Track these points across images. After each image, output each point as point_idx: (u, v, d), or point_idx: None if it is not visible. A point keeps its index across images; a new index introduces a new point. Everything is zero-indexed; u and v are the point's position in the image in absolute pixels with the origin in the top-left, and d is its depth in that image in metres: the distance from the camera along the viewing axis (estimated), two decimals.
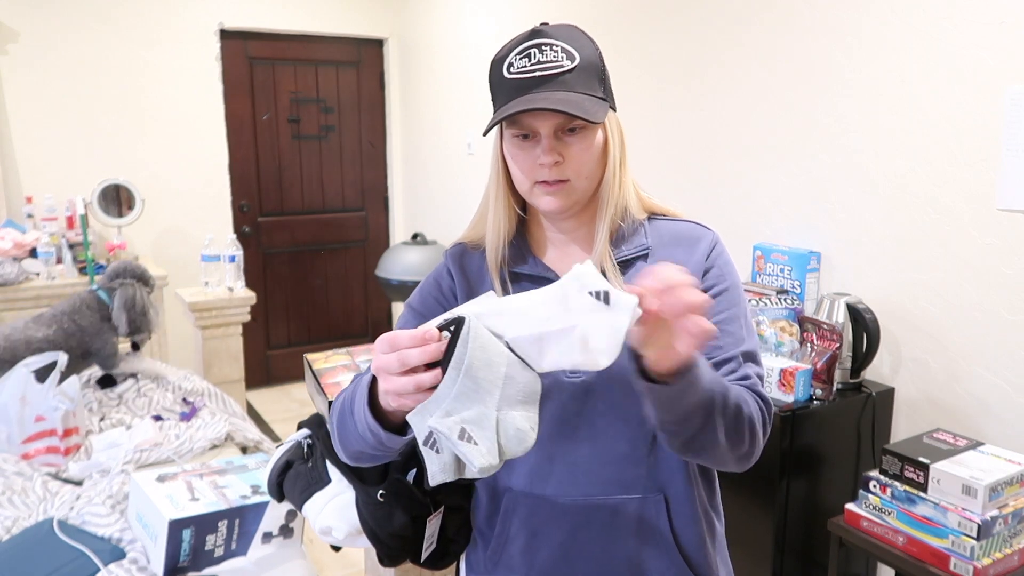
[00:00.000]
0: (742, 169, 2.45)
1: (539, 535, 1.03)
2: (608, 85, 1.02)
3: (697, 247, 1.05)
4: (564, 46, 0.97)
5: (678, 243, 1.05)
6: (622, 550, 1.02)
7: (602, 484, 1.00)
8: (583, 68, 0.97)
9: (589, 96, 0.96)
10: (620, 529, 1.01)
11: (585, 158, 0.99)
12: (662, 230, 1.07)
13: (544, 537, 1.03)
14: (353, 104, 4.72)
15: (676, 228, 1.08)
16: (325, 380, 1.30)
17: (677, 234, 1.07)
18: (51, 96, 3.81)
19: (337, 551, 1.40)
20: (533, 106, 0.93)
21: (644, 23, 2.80)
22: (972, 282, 1.85)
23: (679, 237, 1.06)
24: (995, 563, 1.50)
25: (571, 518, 1.01)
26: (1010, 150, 1.74)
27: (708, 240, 1.06)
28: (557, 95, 0.94)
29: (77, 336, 2.31)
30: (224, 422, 2.23)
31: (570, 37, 0.99)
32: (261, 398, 4.47)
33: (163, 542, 1.45)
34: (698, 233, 1.07)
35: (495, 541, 1.07)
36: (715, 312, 1.00)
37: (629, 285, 0.80)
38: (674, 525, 1.02)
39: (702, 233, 1.07)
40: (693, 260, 1.03)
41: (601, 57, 1.01)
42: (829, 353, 1.93)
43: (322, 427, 1.31)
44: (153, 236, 4.11)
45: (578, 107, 0.93)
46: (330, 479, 1.25)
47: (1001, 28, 1.75)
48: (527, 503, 1.03)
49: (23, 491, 1.84)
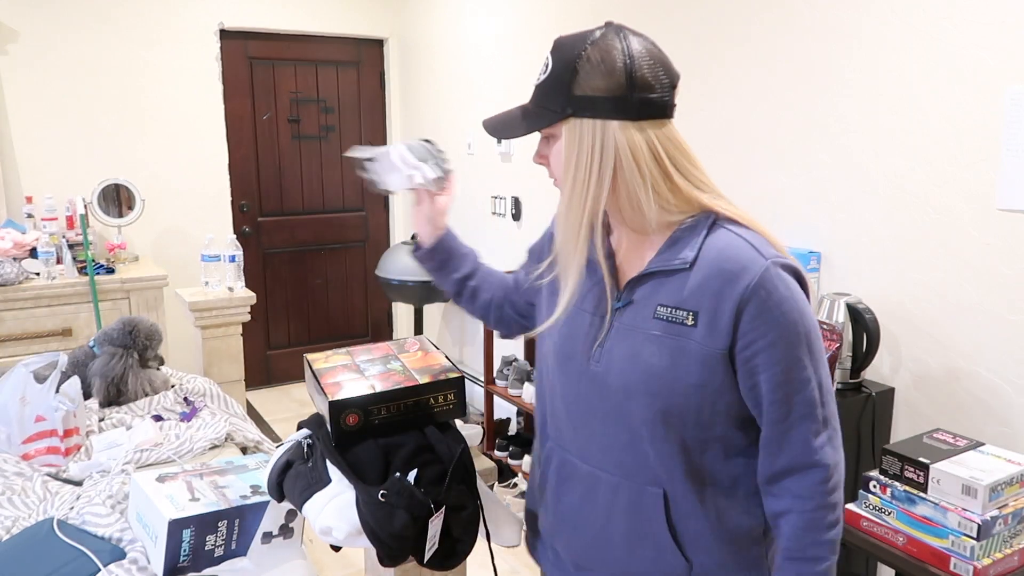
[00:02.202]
0: (742, 169, 2.45)
1: (564, 486, 1.15)
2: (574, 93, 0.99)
3: (737, 282, 0.97)
4: (548, 56, 1.03)
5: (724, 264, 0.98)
6: (618, 527, 1.09)
7: (607, 463, 1.09)
8: (551, 77, 1.02)
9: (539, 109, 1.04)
10: (618, 508, 1.08)
11: (555, 161, 1.05)
12: (721, 243, 1.00)
13: (567, 490, 1.15)
14: (353, 104, 4.72)
15: (732, 245, 1.00)
16: (325, 380, 1.30)
17: (727, 254, 0.99)
18: (51, 96, 3.81)
19: (337, 551, 1.40)
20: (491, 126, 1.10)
21: (644, 23, 2.80)
22: (972, 282, 1.85)
23: (727, 257, 0.99)
24: (995, 563, 1.50)
25: (584, 482, 1.12)
26: (1010, 150, 1.74)
27: (751, 277, 0.96)
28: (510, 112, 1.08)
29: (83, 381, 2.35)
30: (224, 422, 2.23)
31: (560, 45, 1.02)
32: (261, 398, 4.47)
33: (163, 542, 1.45)
34: (746, 262, 0.97)
35: (540, 477, 1.22)
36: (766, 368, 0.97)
37: None
38: (672, 518, 1.06)
39: (749, 264, 0.97)
40: (731, 297, 0.97)
41: (573, 64, 0.99)
42: (829, 353, 1.93)
43: (322, 427, 1.31)
44: (153, 236, 4.11)
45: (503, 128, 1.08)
46: (330, 479, 1.25)
47: (1001, 28, 1.75)
48: (558, 455, 1.16)
49: (23, 491, 1.84)
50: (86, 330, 3.28)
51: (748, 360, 0.98)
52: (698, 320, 0.99)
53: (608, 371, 1.05)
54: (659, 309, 1.02)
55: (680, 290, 1.00)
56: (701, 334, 0.98)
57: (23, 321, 3.16)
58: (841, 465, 1.02)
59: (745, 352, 0.98)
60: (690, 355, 0.99)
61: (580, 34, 1.01)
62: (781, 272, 0.98)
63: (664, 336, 1.01)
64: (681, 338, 1.00)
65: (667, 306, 1.01)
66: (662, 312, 1.01)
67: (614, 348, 1.05)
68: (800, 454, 0.99)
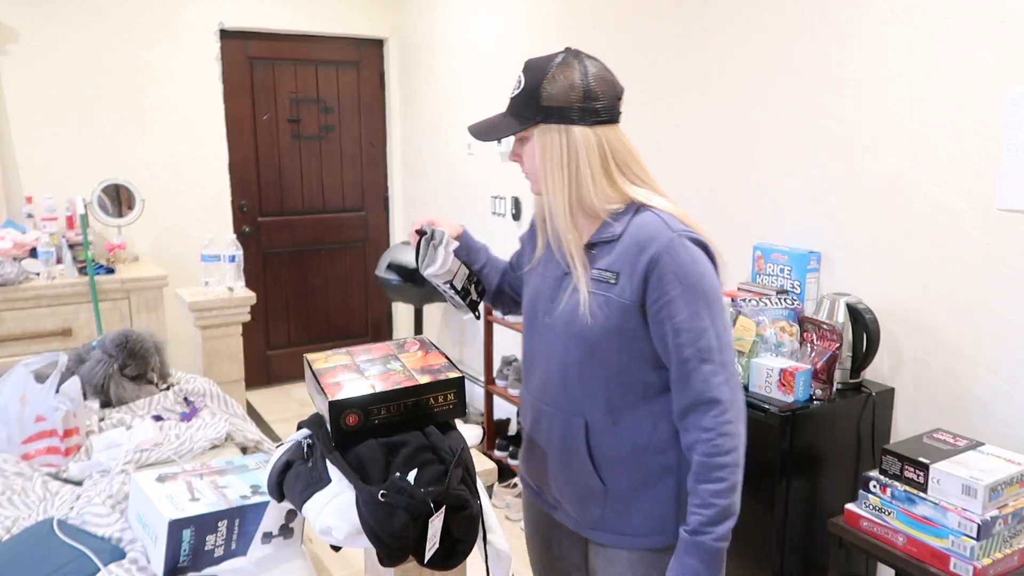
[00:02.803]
0: (742, 169, 2.45)
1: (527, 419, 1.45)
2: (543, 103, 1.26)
3: (646, 250, 1.24)
4: (522, 76, 1.29)
5: (639, 236, 1.25)
6: (555, 452, 1.36)
7: (547, 397, 1.37)
8: (523, 93, 1.28)
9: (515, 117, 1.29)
10: (554, 435, 1.36)
11: (528, 159, 1.32)
12: (641, 222, 1.27)
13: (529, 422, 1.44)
14: (353, 104, 4.72)
15: (647, 223, 1.26)
16: (325, 380, 1.30)
17: (642, 229, 1.26)
18: (51, 96, 3.81)
19: (337, 551, 1.40)
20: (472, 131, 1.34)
21: (644, 25, 2.80)
22: (972, 282, 1.85)
23: (642, 232, 1.25)
24: (995, 563, 1.50)
25: (535, 414, 1.41)
26: (1010, 150, 1.74)
27: (657, 246, 1.23)
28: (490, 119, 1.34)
29: None
30: (224, 422, 2.23)
31: (530, 66, 1.29)
32: (261, 398, 4.47)
33: (163, 542, 1.45)
34: (654, 234, 1.24)
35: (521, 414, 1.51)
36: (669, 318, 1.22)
37: None
38: (591, 444, 1.31)
39: (656, 236, 1.24)
40: (641, 261, 1.24)
41: (539, 82, 1.26)
42: (829, 353, 1.93)
43: (322, 427, 1.31)
44: (153, 236, 4.11)
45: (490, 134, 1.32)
46: (330, 479, 1.25)
47: (1001, 28, 1.75)
48: (524, 395, 1.46)
49: (23, 491, 1.84)
50: (86, 330, 3.28)
51: (657, 312, 1.23)
52: (618, 279, 1.26)
53: (555, 322, 1.33)
54: (593, 271, 1.29)
55: (608, 256, 1.28)
56: (619, 290, 1.25)
57: (23, 321, 3.16)
58: (738, 403, 1.23)
59: (654, 306, 1.23)
60: (611, 305, 1.26)
61: (546, 57, 1.28)
62: (686, 242, 1.23)
63: (594, 292, 1.28)
64: (606, 294, 1.27)
65: (598, 269, 1.28)
66: (595, 274, 1.29)
67: (560, 304, 1.32)
68: (700, 391, 1.21)
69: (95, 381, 2.35)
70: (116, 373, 2.38)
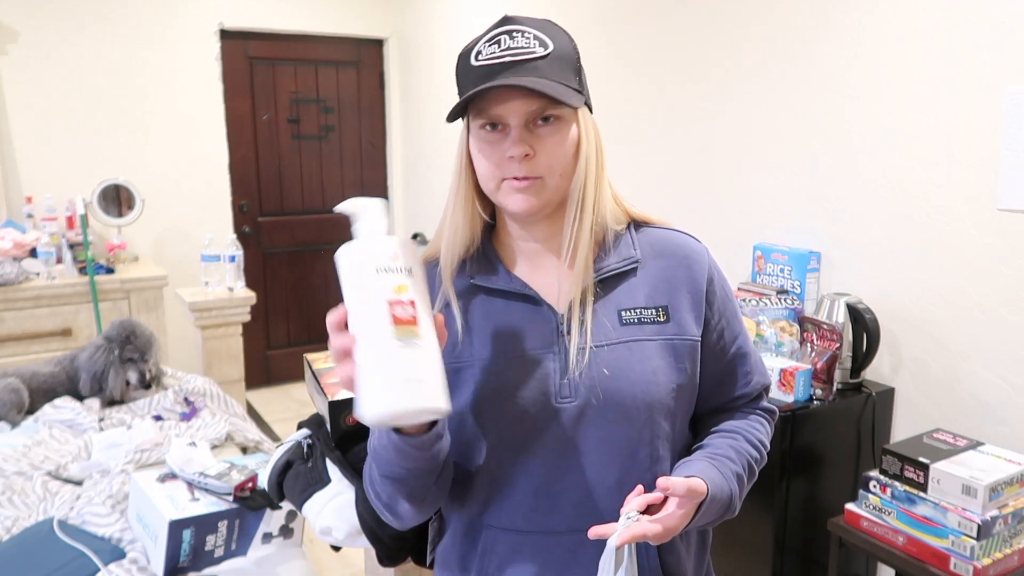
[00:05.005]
0: (742, 169, 2.45)
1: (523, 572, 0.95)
2: (584, 80, 0.94)
3: (693, 266, 0.98)
4: (537, 34, 0.89)
5: (671, 254, 0.98)
6: None
7: (590, 516, 0.90)
8: (557, 57, 0.89)
9: (563, 84, 0.88)
10: None
11: (558, 152, 0.89)
12: (651, 239, 0.99)
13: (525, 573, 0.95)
14: (353, 104, 4.72)
15: (665, 237, 1.00)
16: (325, 380, 1.30)
17: (668, 245, 0.99)
18: (51, 96, 3.81)
19: (337, 551, 1.40)
20: (500, 83, 0.84)
21: (644, 23, 2.80)
22: (972, 282, 1.85)
23: (670, 248, 0.99)
24: (995, 563, 1.50)
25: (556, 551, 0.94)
26: (1010, 150, 1.74)
27: (705, 258, 1.00)
28: (528, 78, 0.86)
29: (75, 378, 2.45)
30: (224, 422, 2.23)
31: (543, 27, 0.91)
32: (261, 398, 4.47)
33: (163, 542, 1.45)
34: (692, 246, 1.00)
35: None
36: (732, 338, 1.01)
37: None
38: (663, 555, 0.96)
39: (695, 247, 1.00)
40: (694, 281, 0.97)
41: (576, 50, 0.93)
42: (829, 353, 1.93)
43: (322, 427, 1.31)
44: (153, 236, 4.11)
45: (550, 89, 0.85)
46: (330, 479, 1.25)
47: (1001, 28, 1.75)
48: (508, 540, 0.95)
49: (23, 491, 1.84)
50: (86, 330, 3.28)
51: (721, 333, 0.99)
52: (668, 314, 0.94)
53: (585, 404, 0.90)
54: (623, 314, 0.93)
55: (632, 290, 0.95)
56: (675, 328, 0.94)
57: (23, 321, 3.16)
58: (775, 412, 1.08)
59: (714, 334, 0.98)
60: (677, 350, 0.94)
61: (538, 18, 0.94)
62: None
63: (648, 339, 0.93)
64: (659, 336, 0.93)
65: (634, 309, 0.94)
66: (627, 316, 0.93)
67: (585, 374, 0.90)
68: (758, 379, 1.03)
69: (95, 368, 2.39)
70: (116, 361, 2.41)
